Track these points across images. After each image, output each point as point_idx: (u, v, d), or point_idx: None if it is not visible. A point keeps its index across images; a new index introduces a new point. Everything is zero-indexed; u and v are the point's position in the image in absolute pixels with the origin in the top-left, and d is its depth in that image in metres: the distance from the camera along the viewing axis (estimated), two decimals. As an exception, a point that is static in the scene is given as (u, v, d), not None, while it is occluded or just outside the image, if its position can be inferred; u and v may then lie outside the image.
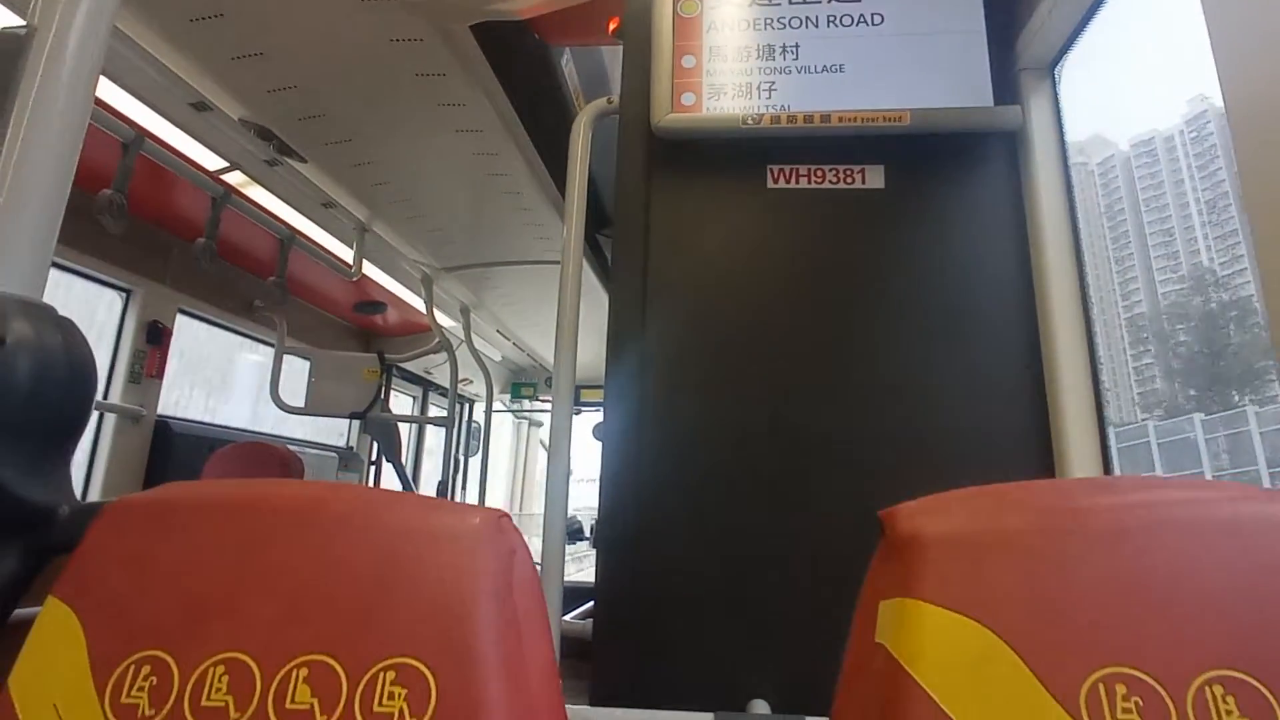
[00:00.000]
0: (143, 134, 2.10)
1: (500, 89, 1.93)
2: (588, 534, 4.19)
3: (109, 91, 1.95)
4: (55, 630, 0.43)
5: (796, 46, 1.45)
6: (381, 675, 0.40)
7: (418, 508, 0.48)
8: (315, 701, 0.40)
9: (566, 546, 1.35)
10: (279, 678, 0.40)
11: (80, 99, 0.61)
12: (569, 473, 1.38)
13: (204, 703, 0.40)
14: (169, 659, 0.41)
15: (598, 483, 1.31)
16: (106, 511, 0.48)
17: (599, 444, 1.35)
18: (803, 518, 1.22)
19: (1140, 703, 0.38)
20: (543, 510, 1.34)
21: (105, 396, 2.79)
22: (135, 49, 1.74)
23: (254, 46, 1.77)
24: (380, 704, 0.40)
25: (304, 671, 0.40)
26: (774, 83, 1.44)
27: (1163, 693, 0.38)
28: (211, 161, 2.38)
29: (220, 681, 0.40)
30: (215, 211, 2.50)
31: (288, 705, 0.40)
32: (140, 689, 0.41)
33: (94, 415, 2.80)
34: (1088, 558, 0.42)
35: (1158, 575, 0.41)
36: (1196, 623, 0.40)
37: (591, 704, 1.18)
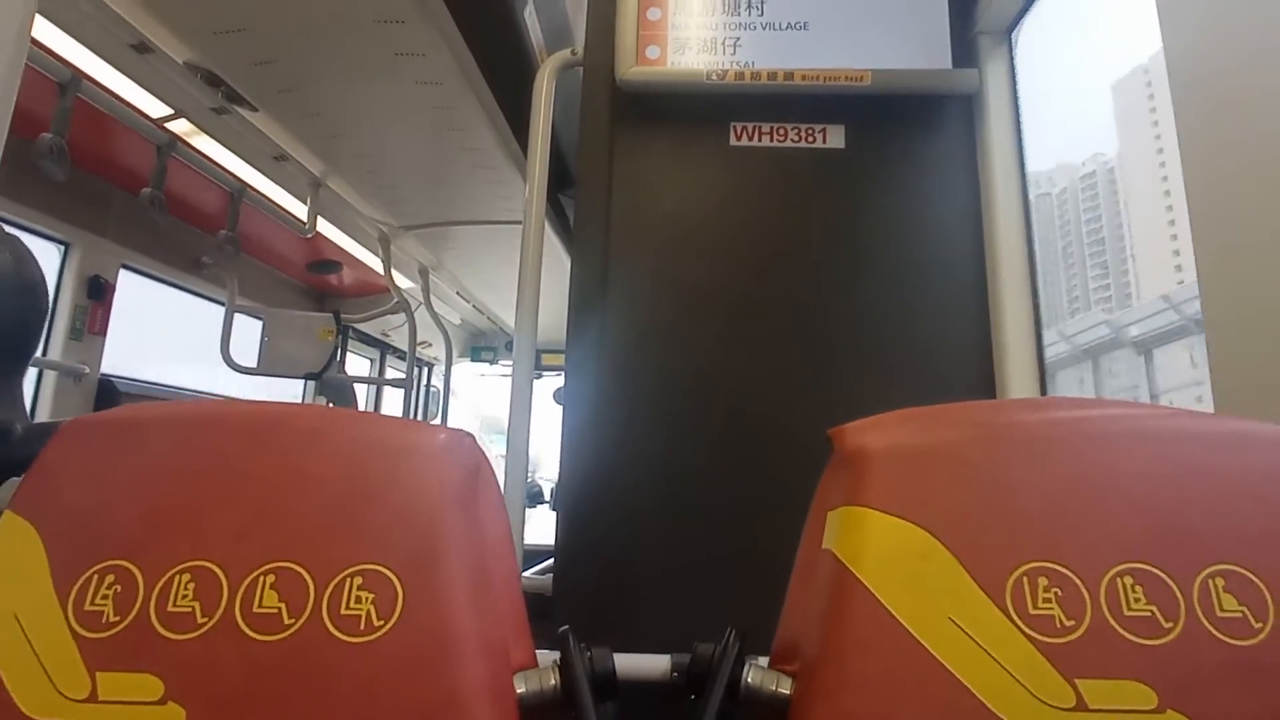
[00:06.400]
0: (80, 75, 1.99)
1: (460, 37, 1.88)
2: (547, 498, 4.19)
3: (42, 29, 1.84)
4: (13, 543, 0.42)
5: (762, 1, 1.45)
6: (349, 581, 0.41)
7: (385, 424, 0.48)
8: (283, 605, 0.41)
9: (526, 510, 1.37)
10: (246, 584, 0.41)
11: (16, 22, 0.59)
12: (529, 435, 1.38)
13: (170, 608, 0.41)
14: (133, 568, 0.42)
15: (559, 444, 1.32)
16: (64, 429, 0.47)
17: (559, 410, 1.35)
18: (761, 469, 1.26)
19: (1059, 593, 0.42)
20: (503, 474, 1.34)
21: (45, 353, 2.68)
22: None
23: (199, -16, 1.69)
24: (347, 607, 0.41)
25: (271, 578, 0.41)
26: (739, 38, 1.44)
27: (1079, 584, 0.42)
28: (155, 108, 2.27)
29: (186, 588, 0.41)
30: (161, 160, 2.39)
31: (255, 609, 0.41)
32: (104, 597, 0.41)
33: (33, 373, 2.70)
34: (1019, 466, 0.45)
35: (1082, 481, 0.45)
36: (1113, 522, 0.43)
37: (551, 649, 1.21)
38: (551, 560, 1.60)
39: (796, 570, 0.52)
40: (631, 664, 1.16)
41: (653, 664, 1.14)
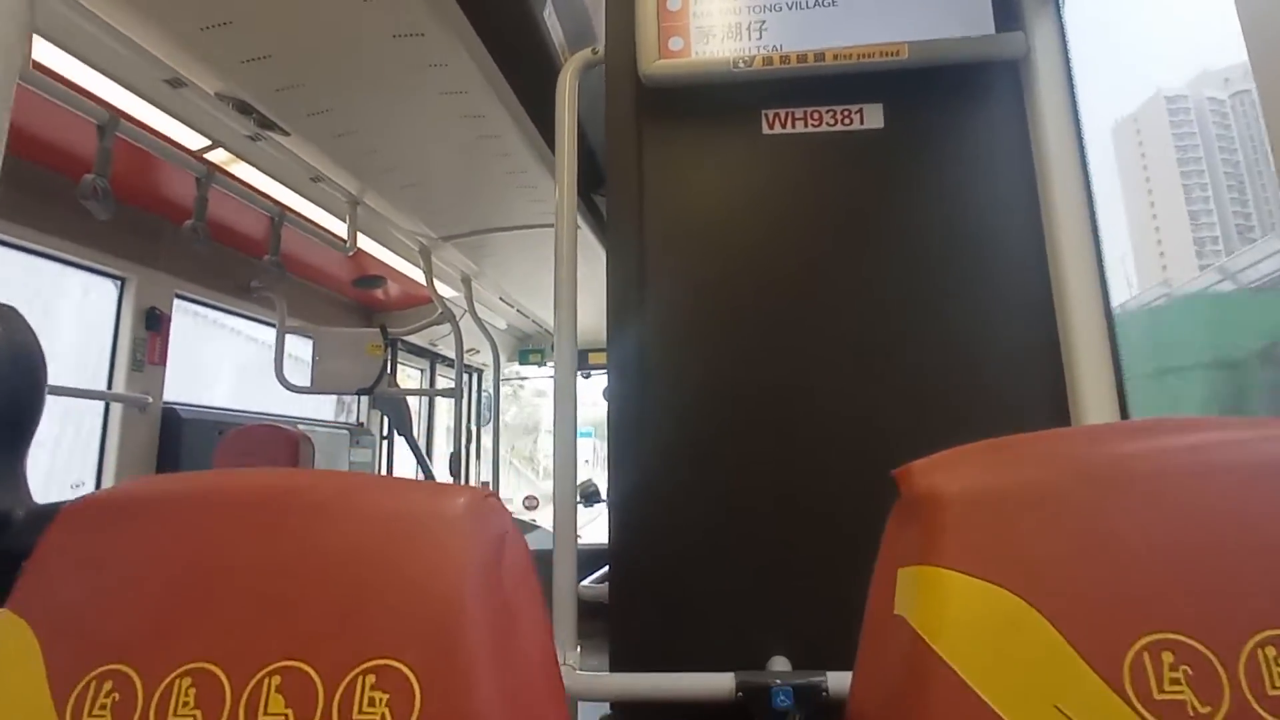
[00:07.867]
0: (118, 115, 2.04)
1: (482, 46, 1.85)
2: (605, 497, 4.18)
3: (78, 72, 1.89)
4: (9, 646, 0.40)
5: (787, -20, 1.37)
6: (360, 680, 0.37)
7: (396, 491, 0.44)
8: (289, 712, 0.37)
9: (585, 509, 1.35)
10: (250, 688, 0.38)
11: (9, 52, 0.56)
12: (576, 437, 1.36)
13: (171, 718, 0.37)
14: (132, 673, 0.39)
15: (607, 445, 1.30)
16: (63, 514, 0.44)
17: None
18: (814, 469, 1.20)
19: (1189, 671, 0.34)
20: (552, 476, 1.32)
21: (110, 386, 2.79)
22: (99, 24, 1.67)
23: (222, 15, 1.70)
24: (360, 711, 0.37)
25: (276, 680, 0.37)
26: (764, 21, 1.37)
27: (1213, 659, 0.34)
28: (193, 140, 2.32)
29: (187, 695, 0.38)
30: (202, 191, 2.45)
31: (261, 717, 0.37)
32: (103, 707, 0.38)
33: (99, 406, 2.80)
34: (1126, 511, 0.38)
35: (1204, 527, 0.37)
36: (1247, 578, 0.36)
37: (611, 668, 1.18)
38: (606, 569, 1.58)
39: (865, 633, 0.45)
40: (697, 684, 1.13)
41: (717, 683, 1.10)
